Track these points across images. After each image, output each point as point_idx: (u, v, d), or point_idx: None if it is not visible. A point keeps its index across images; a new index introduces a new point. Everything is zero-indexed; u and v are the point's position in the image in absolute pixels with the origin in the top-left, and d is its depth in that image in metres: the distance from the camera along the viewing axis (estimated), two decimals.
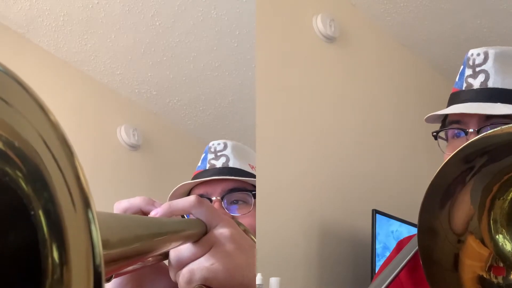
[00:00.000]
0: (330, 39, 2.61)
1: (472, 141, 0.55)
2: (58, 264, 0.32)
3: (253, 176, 1.20)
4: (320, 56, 2.62)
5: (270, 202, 2.14)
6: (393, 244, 2.46)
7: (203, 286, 0.59)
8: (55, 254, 0.33)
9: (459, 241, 0.59)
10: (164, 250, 0.58)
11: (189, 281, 0.59)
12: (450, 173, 0.57)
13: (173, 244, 0.59)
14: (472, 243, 0.60)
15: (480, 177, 0.57)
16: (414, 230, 0.63)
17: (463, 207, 0.59)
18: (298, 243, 2.29)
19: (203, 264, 0.60)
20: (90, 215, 0.31)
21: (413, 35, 3.01)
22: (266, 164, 2.17)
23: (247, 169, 1.21)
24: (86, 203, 0.31)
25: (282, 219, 2.23)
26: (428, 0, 2.76)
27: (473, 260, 0.60)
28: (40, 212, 0.34)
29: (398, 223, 2.56)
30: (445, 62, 3.17)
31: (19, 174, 0.36)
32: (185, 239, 0.60)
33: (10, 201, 0.38)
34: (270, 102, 2.34)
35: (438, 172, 0.57)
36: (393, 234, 2.52)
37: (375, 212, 2.44)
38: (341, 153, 2.58)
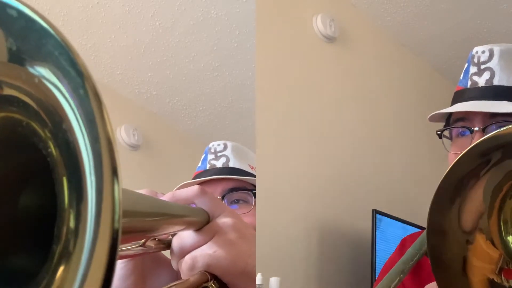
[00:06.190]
0: (330, 39, 2.62)
1: (490, 136, 0.53)
2: (74, 231, 0.31)
3: (253, 175, 1.20)
4: (320, 56, 2.61)
5: (270, 202, 2.14)
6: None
7: (206, 273, 0.59)
8: (72, 221, 0.32)
9: (468, 242, 0.57)
10: (167, 231, 0.58)
11: (192, 268, 0.59)
12: (465, 165, 0.55)
13: (176, 228, 0.59)
14: (481, 243, 0.58)
15: (495, 172, 0.55)
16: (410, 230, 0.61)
17: (474, 203, 0.57)
18: (298, 243, 2.29)
19: (206, 251, 0.60)
20: (116, 185, 0.30)
21: (413, 35, 3.00)
22: (266, 164, 2.17)
23: (247, 169, 1.21)
24: (114, 171, 0.30)
25: (282, 219, 2.23)
26: (428, 0, 2.76)
27: (483, 261, 0.58)
28: (64, 179, 0.33)
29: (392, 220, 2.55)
30: (445, 62, 3.17)
31: (48, 134, 0.34)
32: (188, 225, 0.61)
33: (30, 161, 0.36)
34: (270, 102, 2.34)
35: (453, 165, 0.55)
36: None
37: (375, 212, 2.44)
38: (341, 153, 2.58)
